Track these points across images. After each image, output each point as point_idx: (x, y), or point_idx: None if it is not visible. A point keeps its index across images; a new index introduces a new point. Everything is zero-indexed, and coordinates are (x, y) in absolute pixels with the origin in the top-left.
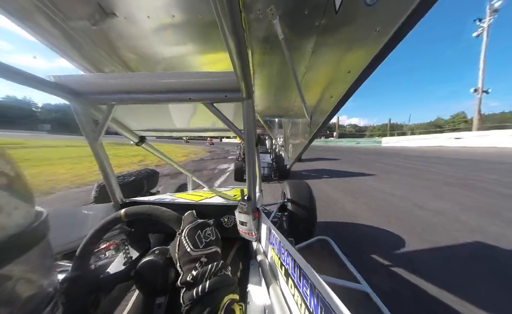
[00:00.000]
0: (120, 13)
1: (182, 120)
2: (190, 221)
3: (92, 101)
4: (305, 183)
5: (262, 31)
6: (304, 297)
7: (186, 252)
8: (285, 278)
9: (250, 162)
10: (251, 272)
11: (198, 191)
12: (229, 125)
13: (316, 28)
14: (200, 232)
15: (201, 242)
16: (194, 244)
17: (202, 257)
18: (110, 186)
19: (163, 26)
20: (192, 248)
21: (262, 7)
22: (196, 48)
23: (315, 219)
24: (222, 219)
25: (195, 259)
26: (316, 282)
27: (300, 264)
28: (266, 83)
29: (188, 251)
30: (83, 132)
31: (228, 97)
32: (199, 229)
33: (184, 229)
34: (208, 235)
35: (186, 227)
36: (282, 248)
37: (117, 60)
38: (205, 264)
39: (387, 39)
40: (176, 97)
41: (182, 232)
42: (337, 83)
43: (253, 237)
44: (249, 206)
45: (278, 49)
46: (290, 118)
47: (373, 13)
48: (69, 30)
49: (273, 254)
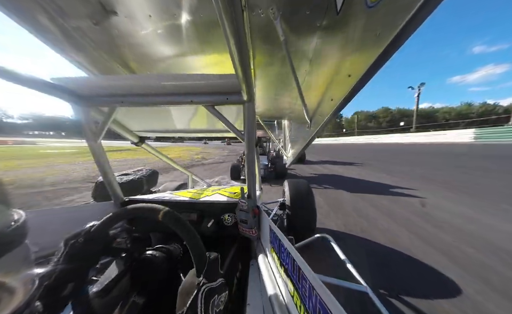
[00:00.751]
0: (121, 12)
1: (182, 122)
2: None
3: (93, 104)
4: (304, 182)
5: (263, 32)
6: (303, 298)
7: None
8: (284, 278)
9: (250, 161)
10: (251, 272)
11: (198, 190)
12: (230, 126)
13: (317, 29)
14: (217, 296)
15: (213, 311)
16: (206, 310)
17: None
18: (110, 185)
19: (164, 25)
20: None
21: (264, 7)
22: (197, 48)
23: (315, 217)
24: (222, 217)
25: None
26: (314, 283)
27: (299, 264)
28: (267, 85)
29: None
30: (83, 133)
31: (229, 100)
32: (217, 292)
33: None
34: (220, 303)
35: (208, 285)
36: (282, 246)
37: (118, 60)
38: None
39: (387, 43)
40: (177, 100)
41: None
42: (338, 86)
43: (253, 235)
44: (249, 204)
45: (279, 51)
46: (291, 119)
47: (373, 15)
48: (70, 29)
49: (273, 254)
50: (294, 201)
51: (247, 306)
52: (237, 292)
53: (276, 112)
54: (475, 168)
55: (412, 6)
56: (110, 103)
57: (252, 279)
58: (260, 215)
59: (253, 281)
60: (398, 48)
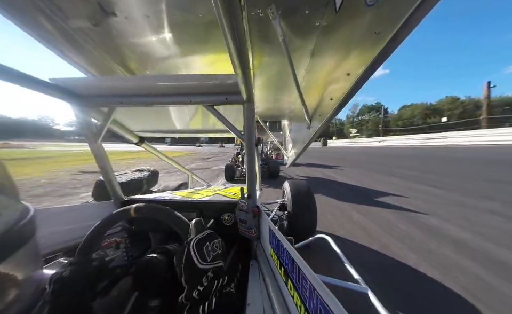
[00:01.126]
0: (121, 13)
1: (182, 122)
2: (199, 231)
3: (93, 104)
4: (304, 183)
5: (263, 32)
6: (303, 298)
7: (193, 265)
8: (284, 279)
9: (250, 161)
10: (251, 272)
11: (198, 189)
12: (230, 126)
13: (316, 28)
14: (208, 243)
15: (209, 255)
16: (202, 256)
17: (209, 272)
18: (110, 184)
19: (164, 26)
20: (200, 261)
21: (263, 7)
22: (196, 48)
23: (315, 217)
24: (222, 217)
25: (201, 273)
26: (314, 283)
27: (299, 265)
28: (266, 85)
29: (195, 263)
30: (83, 134)
31: (229, 100)
32: (207, 240)
33: (193, 240)
34: (215, 248)
35: (195, 237)
36: (282, 247)
37: (117, 61)
38: (211, 280)
39: (386, 41)
40: (177, 100)
41: (190, 241)
42: (337, 85)
43: (253, 236)
44: (249, 204)
45: (278, 50)
46: (290, 119)
47: (372, 14)
48: (69, 30)
49: (273, 254)
50: (295, 202)
51: (247, 306)
52: (237, 292)
53: (275, 112)
54: None
55: (411, 3)
56: (109, 103)
57: (252, 279)
58: (260, 215)
59: (253, 281)
60: (397, 45)
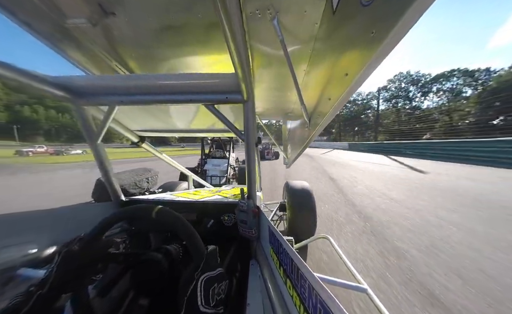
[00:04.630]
0: (120, 14)
1: (183, 121)
2: (212, 264)
3: (93, 102)
4: (305, 184)
5: (262, 33)
6: (302, 298)
7: (196, 307)
8: (283, 279)
9: (250, 161)
10: (251, 272)
11: (199, 190)
12: (230, 126)
13: (314, 29)
14: (216, 285)
15: (213, 298)
16: (206, 299)
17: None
18: (110, 184)
19: (163, 26)
20: (203, 303)
21: (261, 8)
22: (196, 49)
23: (315, 217)
24: (222, 218)
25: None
26: (314, 283)
27: (298, 265)
28: (266, 85)
29: (198, 305)
30: (83, 133)
31: (229, 99)
32: (216, 281)
33: (203, 277)
34: (221, 292)
35: (207, 274)
36: (281, 247)
37: (117, 61)
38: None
39: (382, 41)
40: (177, 98)
41: (200, 276)
42: (335, 85)
43: (253, 236)
44: (249, 204)
45: (277, 50)
46: (290, 119)
47: (368, 14)
48: (69, 29)
49: (273, 254)
50: (295, 203)
51: (247, 306)
52: (237, 292)
53: (275, 112)
54: None
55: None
56: (109, 102)
57: (252, 279)
58: (260, 216)
59: (253, 281)
60: (394, 45)
